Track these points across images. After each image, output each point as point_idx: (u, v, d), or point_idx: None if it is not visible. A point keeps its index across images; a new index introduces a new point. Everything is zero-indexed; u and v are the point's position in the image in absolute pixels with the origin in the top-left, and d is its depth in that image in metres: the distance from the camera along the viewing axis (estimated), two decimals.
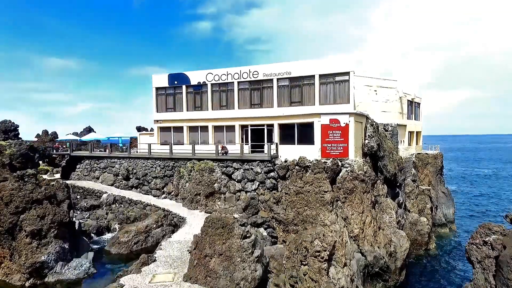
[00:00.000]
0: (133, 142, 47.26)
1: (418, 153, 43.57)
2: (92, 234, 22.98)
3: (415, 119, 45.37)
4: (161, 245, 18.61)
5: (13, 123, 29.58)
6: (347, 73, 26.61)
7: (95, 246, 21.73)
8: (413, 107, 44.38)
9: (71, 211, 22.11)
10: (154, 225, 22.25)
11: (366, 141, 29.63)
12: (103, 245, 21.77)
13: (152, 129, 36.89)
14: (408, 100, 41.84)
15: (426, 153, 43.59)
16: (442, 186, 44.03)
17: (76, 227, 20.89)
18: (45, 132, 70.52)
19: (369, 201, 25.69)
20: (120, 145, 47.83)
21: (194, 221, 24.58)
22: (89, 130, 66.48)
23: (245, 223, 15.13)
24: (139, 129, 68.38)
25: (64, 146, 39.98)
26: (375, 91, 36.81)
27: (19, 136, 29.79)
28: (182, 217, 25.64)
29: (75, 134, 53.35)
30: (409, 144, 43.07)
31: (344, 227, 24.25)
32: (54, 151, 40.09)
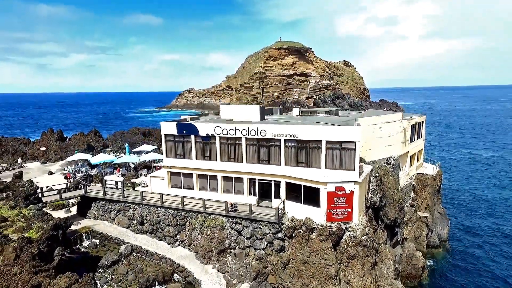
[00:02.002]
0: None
1: (418, 173, 44.93)
2: None
3: (417, 138, 46.02)
4: None
5: (32, 186, 30.62)
6: (354, 142, 27.13)
7: None
8: (416, 128, 44.81)
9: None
10: None
11: (370, 195, 31.01)
12: None
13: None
14: (412, 125, 42.23)
15: (426, 174, 44.86)
16: (439, 206, 46.09)
17: None
18: (51, 130, 71.15)
19: (370, 263, 27.77)
20: (130, 158, 48.87)
21: (209, 286, 26.91)
22: (95, 133, 66.91)
23: None
24: (144, 133, 68.81)
25: (72, 178, 41.27)
26: (380, 128, 37.17)
27: (39, 197, 30.94)
28: (197, 280, 27.96)
29: (85, 150, 54.12)
30: (410, 166, 44.26)
31: None
32: (66, 180, 41.49)
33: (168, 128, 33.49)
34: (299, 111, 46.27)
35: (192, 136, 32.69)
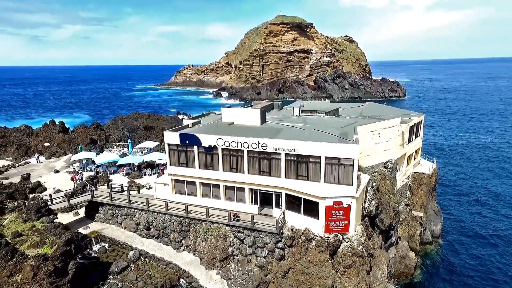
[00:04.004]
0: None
1: (414, 172, 46.10)
2: None
3: (415, 138, 46.77)
4: None
5: (42, 199, 31.76)
6: (352, 159, 28.04)
7: None
8: (415, 128, 45.45)
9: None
10: None
11: (366, 204, 32.33)
12: None
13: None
14: (410, 127, 42.87)
15: (422, 173, 46.05)
16: (434, 203, 47.68)
17: None
18: (53, 122, 71.66)
19: (365, 271, 29.52)
20: (133, 158, 49.52)
21: None
22: (96, 126, 67.44)
23: None
24: (146, 127, 69.40)
25: (79, 179, 42.46)
26: (379, 134, 37.88)
27: (50, 208, 32.16)
28: (202, 287, 29.80)
29: (88, 148, 54.89)
30: (408, 165, 45.37)
31: None
32: (72, 182, 42.74)
33: (172, 137, 34.22)
34: (299, 111, 46.72)
35: (195, 147, 33.51)
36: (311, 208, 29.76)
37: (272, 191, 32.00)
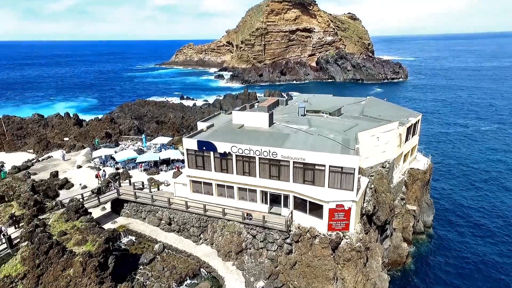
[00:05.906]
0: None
1: (410, 168, 49.93)
2: None
3: (412, 136, 50.19)
4: None
5: (79, 201, 35.73)
6: (353, 168, 31.78)
7: None
8: (412, 128, 48.77)
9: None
10: None
11: (365, 204, 36.39)
12: None
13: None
14: (407, 127, 46.23)
15: (418, 169, 49.88)
16: (427, 196, 51.85)
17: None
18: (67, 114, 74.94)
19: (362, 264, 34.01)
20: (151, 156, 52.89)
21: (231, 283, 33.45)
22: (110, 120, 70.69)
23: None
24: (158, 122, 72.51)
25: (102, 177, 46.41)
26: (378, 137, 41.31)
27: (86, 208, 36.17)
28: (221, 276, 34.45)
29: (107, 146, 58.46)
30: (404, 162, 49.13)
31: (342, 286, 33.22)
32: (96, 179, 46.78)
33: (190, 143, 37.80)
34: (304, 111, 49.83)
35: (211, 152, 37.14)
36: (316, 209, 33.82)
37: (281, 193, 35.98)
